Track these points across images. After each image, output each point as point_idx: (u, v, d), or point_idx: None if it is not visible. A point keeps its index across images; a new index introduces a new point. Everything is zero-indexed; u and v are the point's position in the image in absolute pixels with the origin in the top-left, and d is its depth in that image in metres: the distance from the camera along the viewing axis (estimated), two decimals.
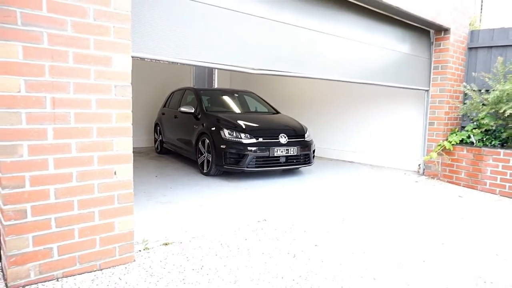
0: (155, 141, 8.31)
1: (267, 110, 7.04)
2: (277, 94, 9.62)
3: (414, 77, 6.07)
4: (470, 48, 6.35)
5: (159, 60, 2.99)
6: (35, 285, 2.25)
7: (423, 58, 6.14)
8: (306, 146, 5.92)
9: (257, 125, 5.83)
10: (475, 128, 5.89)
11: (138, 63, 3.41)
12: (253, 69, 3.69)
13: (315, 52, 4.38)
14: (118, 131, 2.52)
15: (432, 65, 6.18)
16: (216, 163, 5.54)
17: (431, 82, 6.21)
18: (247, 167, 5.39)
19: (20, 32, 2.11)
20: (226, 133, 5.51)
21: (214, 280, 2.48)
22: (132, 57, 2.64)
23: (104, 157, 2.48)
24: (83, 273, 2.45)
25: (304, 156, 5.92)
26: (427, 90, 6.26)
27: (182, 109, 6.46)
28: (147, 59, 2.94)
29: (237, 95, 7.27)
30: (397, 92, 6.86)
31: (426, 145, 6.32)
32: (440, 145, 5.99)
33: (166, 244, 3.02)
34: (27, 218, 2.20)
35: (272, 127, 5.91)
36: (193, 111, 6.34)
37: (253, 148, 5.39)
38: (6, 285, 2.23)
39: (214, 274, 2.56)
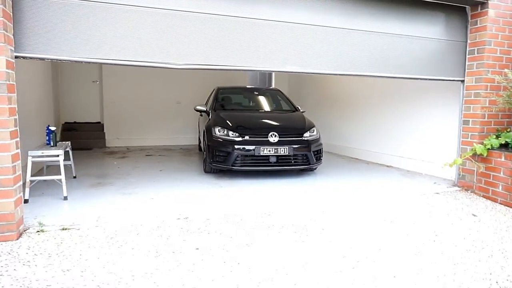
0: (198, 139, 8.80)
1: (284, 108, 6.73)
2: (324, 94, 9.07)
3: (445, 66, 4.98)
4: None
5: (54, 59, 3.24)
6: None
7: (457, 42, 4.98)
8: (304, 146, 5.45)
9: (249, 123, 5.66)
10: None
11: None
12: (176, 64, 3.64)
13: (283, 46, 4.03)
14: None
15: (467, 49, 4.94)
16: (208, 161, 5.58)
17: (466, 71, 4.97)
18: (232, 166, 5.29)
19: None
20: (216, 130, 5.50)
21: (49, 267, 2.59)
22: (17, 57, 2.96)
23: None
24: None
25: (302, 156, 5.46)
26: (462, 81, 5.04)
27: (197, 107, 6.69)
28: (47, 59, 3.22)
29: (257, 93, 7.16)
30: (433, 87, 5.71)
31: (460, 149, 5.09)
32: (473, 149, 4.75)
33: (64, 229, 3.27)
34: None
35: (265, 125, 5.64)
36: (205, 109, 6.52)
37: (238, 146, 5.25)
38: None
39: (58, 262, 2.67)
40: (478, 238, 3.34)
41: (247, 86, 7.70)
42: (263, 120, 5.89)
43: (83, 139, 8.97)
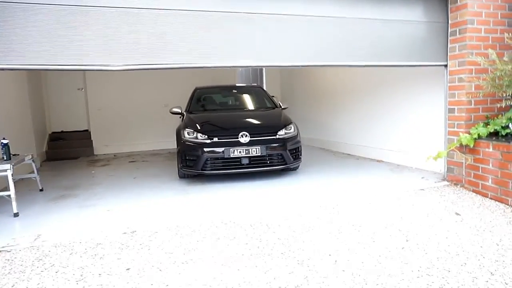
0: None
1: (264, 106, 6.36)
2: (314, 89, 8.68)
3: (426, 51, 4.56)
4: None
5: None
6: None
7: (437, 23, 4.53)
8: (279, 144, 5.09)
9: (219, 123, 5.35)
10: None
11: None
12: (115, 65, 3.34)
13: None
14: None
15: (449, 31, 4.49)
16: (179, 166, 5.29)
17: (448, 54, 4.52)
18: (202, 170, 4.97)
19: None
20: (185, 133, 5.20)
21: None
22: None
23: None
24: None
25: (277, 156, 5.10)
26: (445, 66, 4.59)
27: (173, 110, 6.36)
28: None
29: (235, 91, 6.83)
30: (421, 73, 5.24)
31: (447, 140, 4.65)
32: (459, 140, 4.31)
33: None
34: None
35: (236, 125, 5.28)
36: (180, 111, 6.21)
37: (207, 149, 4.93)
38: None
39: None
40: (455, 242, 2.93)
41: (226, 85, 7.36)
42: (235, 120, 5.55)
43: (71, 148, 8.81)
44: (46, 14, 3.06)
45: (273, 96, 10.08)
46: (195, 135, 5.10)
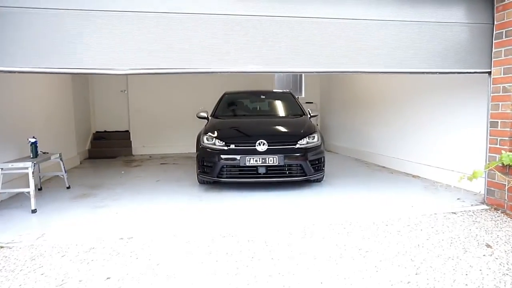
0: None
1: (291, 112, 6.10)
2: (351, 97, 8.25)
3: (467, 56, 4.06)
4: None
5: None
6: None
7: (481, 25, 4.01)
8: (299, 154, 4.82)
9: (238, 130, 5.21)
10: None
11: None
12: (120, 69, 3.33)
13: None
14: None
15: (494, 33, 3.93)
16: (197, 172, 5.23)
17: (492, 60, 3.97)
18: (218, 177, 4.86)
19: None
20: (204, 139, 5.13)
21: None
22: None
23: None
24: None
25: (296, 167, 4.84)
26: (489, 73, 4.03)
27: (200, 114, 6.34)
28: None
29: (264, 97, 6.64)
30: (469, 81, 4.67)
31: (488, 158, 4.07)
32: (500, 158, 3.74)
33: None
34: None
35: (255, 132, 5.08)
36: (206, 116, 6.16)
37: (224, 156, 4.81)
38: None
39: None
40: (475, 281, 2.49)
41: (255, 90, 7.17)
42: (254, 127, 5.37)
43: (111, 148, 9.22)
44: (48, 19, 3.14)
45: (311, 103, 9.84)
46: (213, 141, 5.01)
